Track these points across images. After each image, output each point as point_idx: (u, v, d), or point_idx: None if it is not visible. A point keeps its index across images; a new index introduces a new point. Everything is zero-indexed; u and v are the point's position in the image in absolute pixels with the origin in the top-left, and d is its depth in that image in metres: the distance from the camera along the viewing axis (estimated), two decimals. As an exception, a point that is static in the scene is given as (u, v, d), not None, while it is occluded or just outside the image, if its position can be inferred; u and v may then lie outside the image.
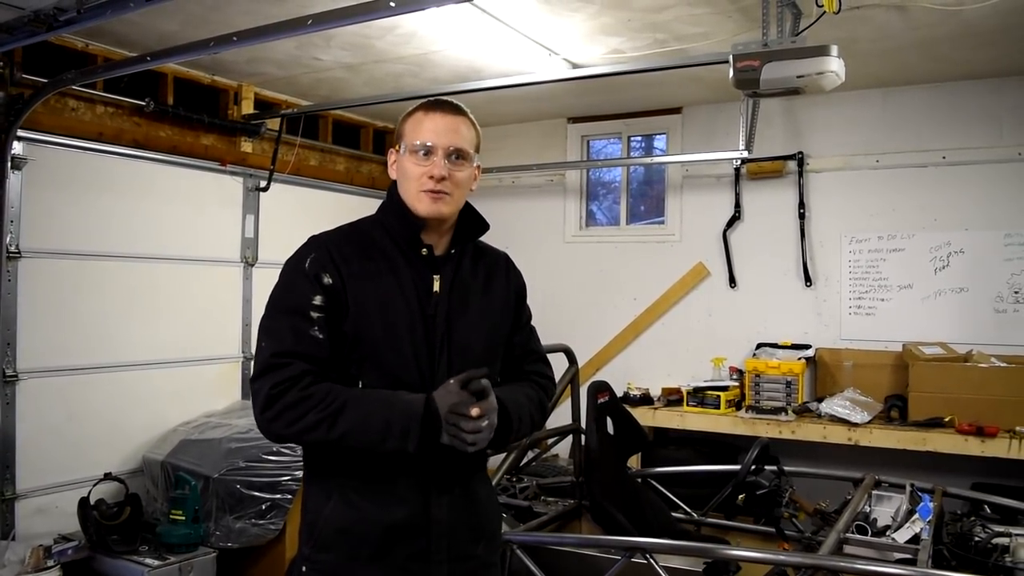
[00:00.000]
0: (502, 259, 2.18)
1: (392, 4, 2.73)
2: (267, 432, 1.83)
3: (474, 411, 1.76)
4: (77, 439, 4.40)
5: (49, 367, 4.28)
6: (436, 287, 1.95)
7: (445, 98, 2.01)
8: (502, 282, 2.13)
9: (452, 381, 1.81)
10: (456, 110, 1.98)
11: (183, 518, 4.09)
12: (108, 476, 4.28)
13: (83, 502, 4.09)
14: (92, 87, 4.42)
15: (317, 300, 1.84)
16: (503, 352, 2.10)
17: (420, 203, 1.92)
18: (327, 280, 1.85)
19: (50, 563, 3.80)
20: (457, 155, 1.93)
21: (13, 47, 3.55)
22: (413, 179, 1.93)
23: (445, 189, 1.91)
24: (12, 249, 4.09)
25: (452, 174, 1.92)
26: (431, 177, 1.90)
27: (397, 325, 1.88)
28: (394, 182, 2.02)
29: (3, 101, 4.01)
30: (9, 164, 4.04)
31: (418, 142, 1.92)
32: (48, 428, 4.27)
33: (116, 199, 4.60)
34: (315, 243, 1.93)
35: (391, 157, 2.03)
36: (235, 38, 3.17)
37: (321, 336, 1.83)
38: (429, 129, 1.93)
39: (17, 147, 4.09)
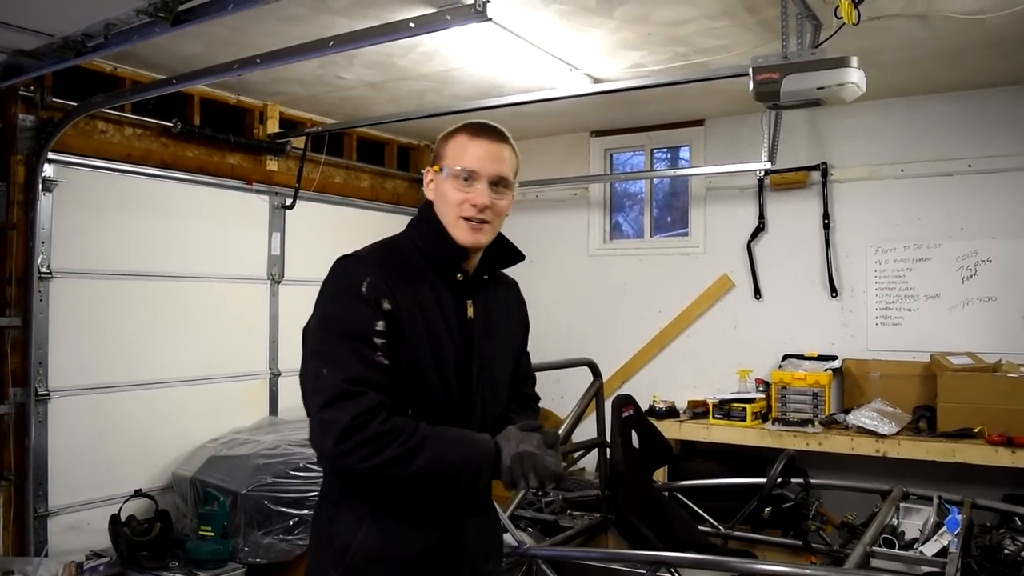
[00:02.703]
0: (514, 286, 2.20)
1: (411, 25, 2.77)
2: (337, 464, 1.76)
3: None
4: (108, 456, 4.46)
5: (80, 385, 4.35)
6: (470, 312, 1.95)
7: (489, 123, 1.97)
8: (516, 309, 2.16)
9: (516, 428, 1.84)
10: (500, 136, 1.95)
11: (212, 534, 4.14)
12: (138, 493, 4.35)
13: (114, 519, 4.15)
14: (120, 109, 4.50)
15: (380, 326, 1.77)
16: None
17: (459, 230, 1.89)
18: (387, 306, 1.79)
19: (82, 579, 3.86)
20: (500, 183, 1.90)
21: (42, 73, 3.64)
22: (453, 205, 1.89)
23: (486, 218, 1.89)
24: (44, 270, 4.17)
25: (494, 203, 1.89)
26: (473, 205, 1.87)
27: (443, 353, 1.86)
28: (428, 202, 1.97)
29: (34, 125, 4.11)
30: (40, 186, 4.13)
31: (461, 167, 1.88)
32: (79, 446, 4.34)
33: (145, 219, 4.68)
34: (365, 265, 1.85)
35: (428, 176, 1.98)
36: (258, 60, 3.22)
37: (387, 363, 1.77)
38: (474, 155, 1.89)
39: (48, 169, 4.17)
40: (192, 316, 4.92)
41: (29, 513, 4.10)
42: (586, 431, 4.39)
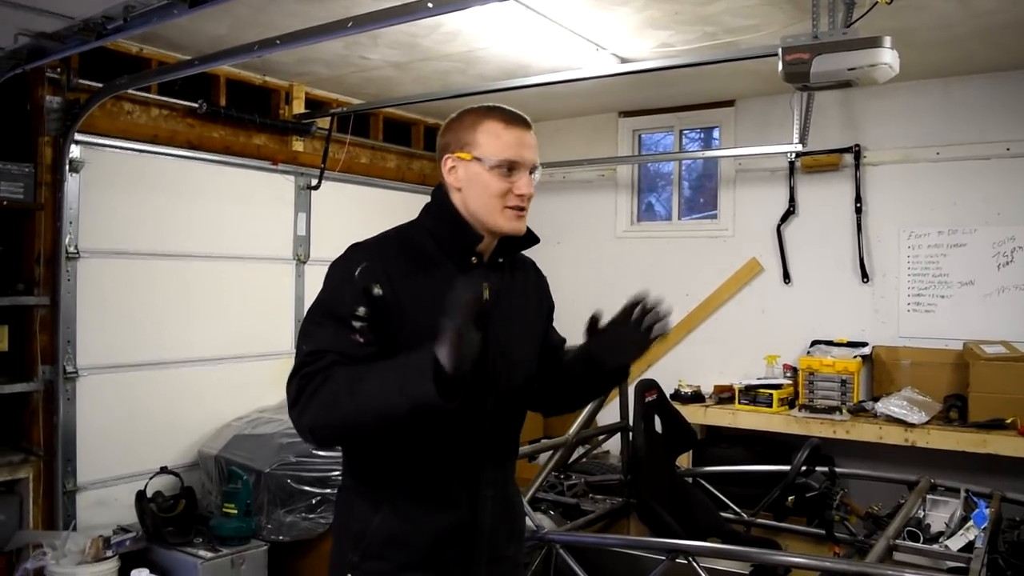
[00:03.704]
0: (531, 266, 2.18)
1: (430, 5, 2.73)
2: (299, 427, 1.78)
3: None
4: (135, 434, 4.51)
5: (108, 364, 4.40)
6: (484, 296, 1.90)
7: (513, 109, 1.96)
8: (535, 289, 2.15)
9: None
10: (528, 123, 1.96)
11: (235, 511, 4.17)
12: (164, 470, 4.39)
13: (140, 495, 4.21)
14: (146, 90, 4.50)
15: (361, 311, 1.79)
16: (541, 355, 2.11)
17: (503, 219, 1.89)
18: (377, 291, 1.80)
19: (109, 553, 3.91)
20: (534, 170, 1.93)
21: (65, 55, 3.65)
22: (495, 196, 1.87)
23: (526, 205, 1.91)
24: (71, 250, 4.21)
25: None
26: (519, 195, 1.88)
27: None
28: (441, 187, 1.96)
29: (61, 106, 4.13)
30: (67, 167, 4.15)
31: (504, 157, 1.87)
32: (107, 423, 4.39)
33: (171, 199, 4.70)
34: (364, 251, 1.88)
35: (450, 163, 1.92)
36: (278, 41, 3.20)
37: (361, 340, 1.78)
38: (514, 144, 1.89)
39: (75, 150, 4.19)
40: (219, 296, 4.95)
41: (58, 488, 4.16)
42: (610, 415, 4.38)
